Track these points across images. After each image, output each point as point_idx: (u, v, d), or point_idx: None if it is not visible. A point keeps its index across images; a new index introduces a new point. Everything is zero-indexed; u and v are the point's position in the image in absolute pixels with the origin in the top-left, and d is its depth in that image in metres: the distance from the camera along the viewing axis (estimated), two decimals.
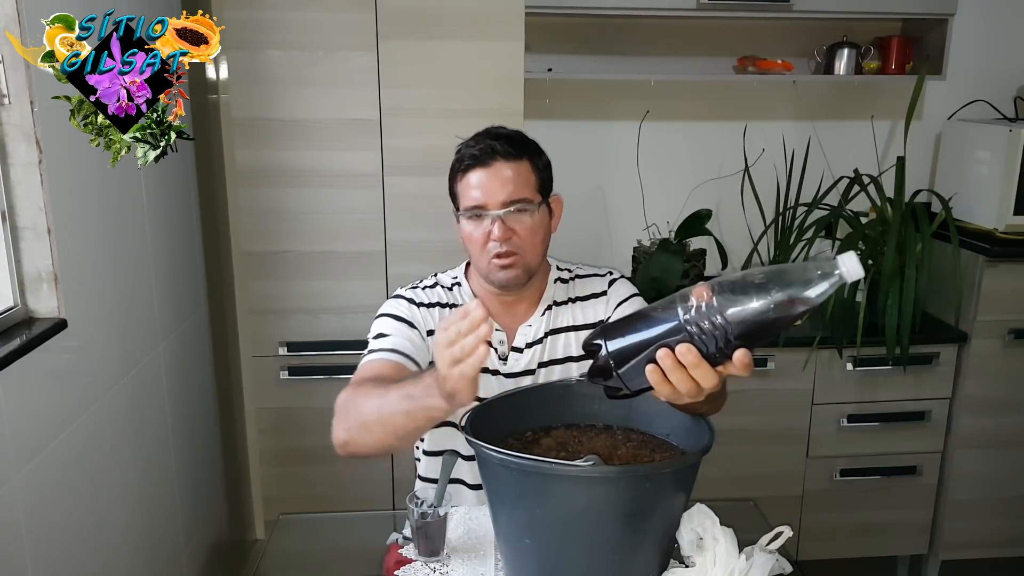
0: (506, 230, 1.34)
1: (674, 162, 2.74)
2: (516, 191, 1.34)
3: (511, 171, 1.34)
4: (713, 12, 2.39)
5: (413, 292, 1.47)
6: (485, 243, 1.35)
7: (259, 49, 2.10)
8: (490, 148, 1.34)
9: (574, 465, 1.01)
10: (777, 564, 1.11)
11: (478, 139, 1.37)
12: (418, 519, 1.23)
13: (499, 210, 1.33)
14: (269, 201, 2.20)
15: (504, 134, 1.38)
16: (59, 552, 1.47)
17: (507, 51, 2.14)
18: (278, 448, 2.36)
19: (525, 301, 1.46)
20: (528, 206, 1.35)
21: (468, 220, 1.37)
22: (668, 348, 0.88)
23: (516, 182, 1.34)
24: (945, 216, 2.39)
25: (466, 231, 1.38)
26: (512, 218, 1.34)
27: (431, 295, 1.47)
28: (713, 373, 0.89)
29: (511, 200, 1.34)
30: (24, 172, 1.43)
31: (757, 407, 2.44)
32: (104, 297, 1.69)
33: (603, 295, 1.49)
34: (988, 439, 2.53)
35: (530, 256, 1.37)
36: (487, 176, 1.34)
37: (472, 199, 1.35)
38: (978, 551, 2.65)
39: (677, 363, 0.89)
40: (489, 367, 1.44)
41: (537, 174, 1.38)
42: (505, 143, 1.35)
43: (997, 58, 2.73)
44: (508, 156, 1.34)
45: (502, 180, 1.34)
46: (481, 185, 1.34)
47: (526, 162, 1.37)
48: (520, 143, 1.38)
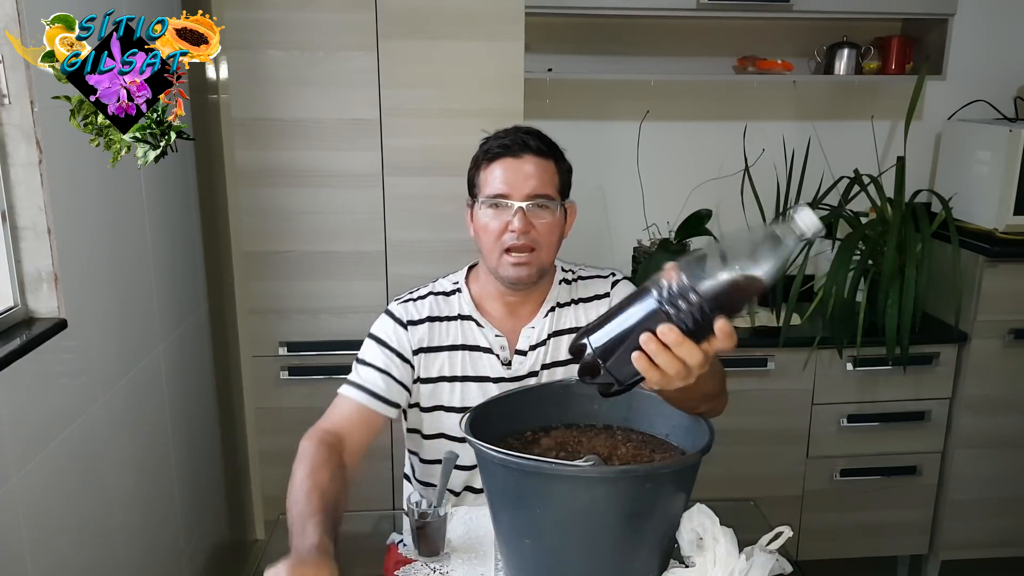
0: (526, 223, 1.35)
1: (674, 162, 2.74)
2: (540, 186, 1.36)
3: (538, 167, 1.36)
4: (713, 12, 2.39)
5: (403, 308, 1.46)
6: (501, 234, 1.36)
7: (259, 49, 2.10)
8: (522, 141, 1.37)
9: (574, 465, 1.01)
10: (777, 564, 1.11)
11: (508, 132, 1.40)
12: (418, 519, 1.23)
13: (522, 202, 1.35)
14: (269, 201, 2.20)
15: (536, 132, 1.41)
16: (59, 552, 1.47)
17: (507, 51, 2.14)
18: (278, 448, 2.35)
19: (529, 302, 1.46)
20: (550, 203, 1.37)
21: (488, 209, 1.37)
22: (650, 332, 0.89)
23: (542, 178, 1.36)
24: (945, 216, 2.39)
25: (482, 221, 1.38)
26: (533, 212, 1.35)
27: (421, 308, 1.45)
28: (697, 350, 0.90)
29: (535, 194, 1.35)
30: (24, 172, 1.43)
31: (757, 407, 2.44)
32: (104, 297, 1.69)
33: (606, 296, 1.50)
34: (988, 439, 2.53)
35: (544, 254, 1.38)
36: (514, 167, 1.36)
37: (496, 188, 1.36)
38: (978, 551, 2.65)
39: (661, 345, 0.89)
40: (492, 375, 1.43)
41: (560, 176, 1.40)
42: (536, 139, 1.38)
43: (997, 58, 2.73)
44: (539, 152, 1.37)
45: (528, 174, 1.35)
46: (507, 175, 1.36)
47: (552, 162, 1.39)
48: (550, 144, 1.41)
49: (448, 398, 1.44)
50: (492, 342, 1.44)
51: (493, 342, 1.44)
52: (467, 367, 1.44)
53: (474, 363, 1.44)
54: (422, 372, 1.44)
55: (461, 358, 1.44)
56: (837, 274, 2.36)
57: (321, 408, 1.41)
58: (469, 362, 1.44)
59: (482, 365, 1.44)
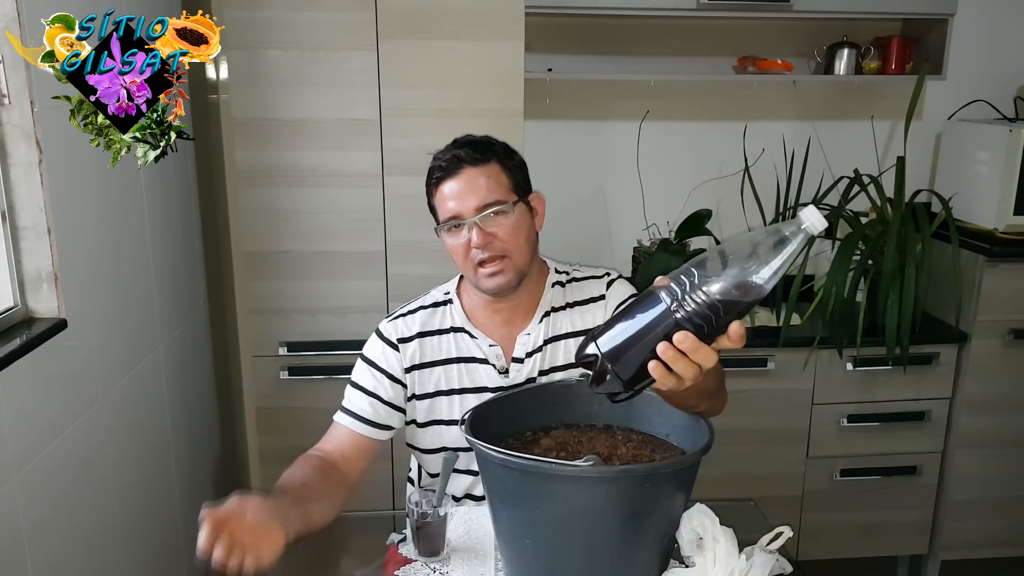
0: (485, 235, 1.32)
1: (674, 162, 2.74)
2: (488, 195, 1.33)
3: (481, 176, 1.33)
4: (713, 12, 2.39)
5: (393, 326, 1.45)
6: (467, 252, 1.34)
7: (259, 49, 2.10)
8: (455, 157, 1.34)
9: (574, 465, 1.01)
10: (777, 564, 1.11)
11: (445, 151, 1.37)
12: (418, 519, 1.23)
13: (474, 216, 1.32)
14: (269, 201, 2.20)
15: (468, 141, 1.37)
16: (59, 552, 1.47)
17: (507, 51, 2.14)
18: (278, 448, 2.35)
19: (522, 308, 1.44)
20: (503, 207, 1.33)
21: (448, 233, 1.36)
22: (666, 341, 0.88)
23: (487, 186, 1.33)
24: (945, 216, 2.39)
25: (449, 244, 1.37)
26: (489, 222, 1.33)
27: (411, 324, 1.44)
28: (713, 353, 0.90)
29: (484, 204, 1.32)
30: (24, 172, 1.43)
31: (757, 407, 2.44)
32: (104, 297, 1.69)
33: (601, 299, 1.47)
34: (988, 439, 2.53)
35: (517, 257, 1.35)
36: (457, 185, 1.33)
37: (447, 210, 1.34)
38: (978, 551, 2.65)
39: (678, 353, 0.89)
40: (490, 385, 1.42)
41: (509, 174, 1.37)
42: (469, 149, 1.35)
43: (997, 58, 2.73)
44: (475, 161, 1.34)
45: (472, 187, 1.33)
46: (453, 195, 1.34)
47: (494, 164, 1.35)
48: (486, 146, 1.37)
49: (447, 411, 1.43)
50: (487, 352, 1.43)
51: (488, 352, 1.43)
52: (464, 379, 1.43)
53: (471, 374, 1.43)
54: (417, 389, 1.43)
55: (457, 371, 1.43)
56: (837, 274, 2.36)
57: (321, 408, 1.42)
58: (465, 374, 1.43)
59: (479, 376, 1.43)
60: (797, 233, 0.85)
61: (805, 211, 0.86)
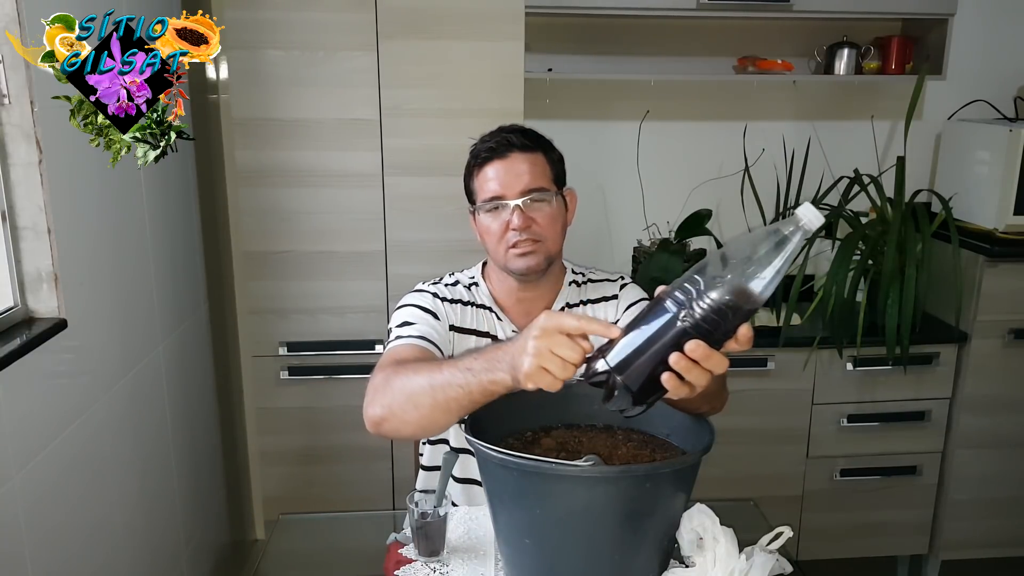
0: (525, 218, 1.36)
1: (674, 162, 2.74)
2: (533, 181, 1.37)
3: (527, 162, 1.38)
4: (713, 12, 2.39)
5: (436, 287, 1.48)
6: (503, 234, 1.37)
7: (259, 49, 2.10)
8: (506, 141, 1.38)
9: (574, 465, 1.01)
10: (777, 564, 1.11)
11: (492, 135, 1.41)
12: (418, 519, 1.23)
13: (517, 199, 1.36)
14: (269, 201, 2.20)
15: (519, 128, 1.42)
16: (59, 552, 1.47)
17: (507, 51, 2.15)
18: (278, 448, 2.35)
19: (542, 300, 1.47)
20: (545, 195, 1.38)
21: (487, 213, 1.39)
22: (677, 350, 0.88)
23: (533, 172, 1.37)
24: (945, 216, 2.39)
25: (484, 224, 1.40)
26: (530, 207, 1.37)
27: (454, 292, 1.48)
28: (724, 359, 0.90)
29: (529, 189, 1.37)
30: (24, 172, 1.43)
31: (757, 407, 2.45)
32: (104, 297, 1.69)
33: (614, 298, 1.51)
34: (988, 439, 2.53)
35: (550, 243, 1.40)
36: (504, 167, 1.37)
37: (490, 191, 1.38)
38: (978, 551, 2.65)
39: (691, 362, 0.88)
40: None
41: (552, 166, 1.42)
42: (520, 136, 1.39)
43: (997, 58, 2.73)
44: (524, 148, 1.38)
45: (518, 171, 1.37)
46: (498, 176, 1.37)
47: (541, 154, 1.40)
48: (535, 136, 1.42)
49: None
50: (510, 336, 1.44)
51: (511, 336, 1.44)
52: None
53: None
54: (456, 351, 1.43)
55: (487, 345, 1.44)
56: (837, 274, 2.35)
57: (321, 408, 1.41)
58: None
59: None
60: (796, 231, 0.85)
61: (801, 208, 0.86)
